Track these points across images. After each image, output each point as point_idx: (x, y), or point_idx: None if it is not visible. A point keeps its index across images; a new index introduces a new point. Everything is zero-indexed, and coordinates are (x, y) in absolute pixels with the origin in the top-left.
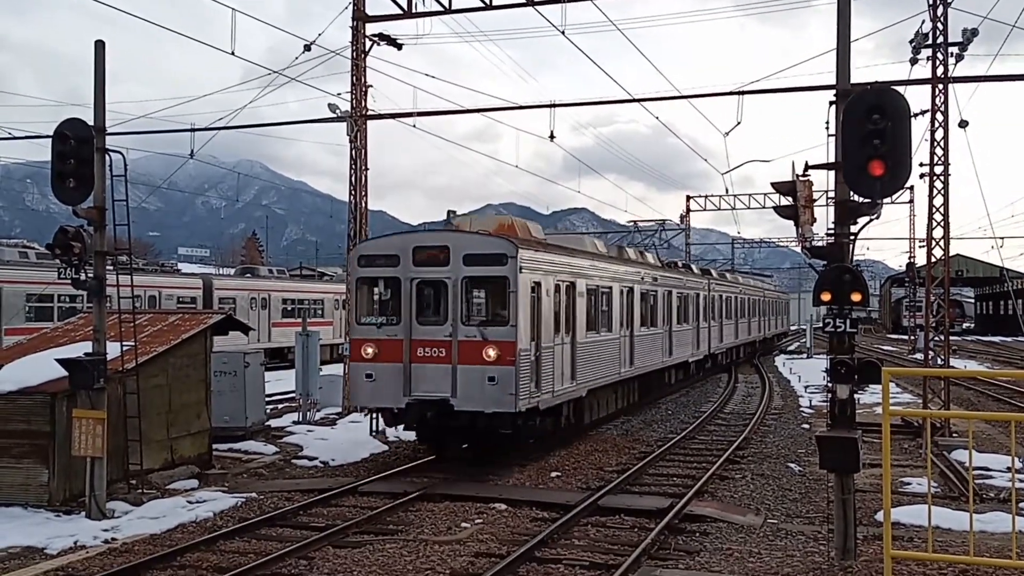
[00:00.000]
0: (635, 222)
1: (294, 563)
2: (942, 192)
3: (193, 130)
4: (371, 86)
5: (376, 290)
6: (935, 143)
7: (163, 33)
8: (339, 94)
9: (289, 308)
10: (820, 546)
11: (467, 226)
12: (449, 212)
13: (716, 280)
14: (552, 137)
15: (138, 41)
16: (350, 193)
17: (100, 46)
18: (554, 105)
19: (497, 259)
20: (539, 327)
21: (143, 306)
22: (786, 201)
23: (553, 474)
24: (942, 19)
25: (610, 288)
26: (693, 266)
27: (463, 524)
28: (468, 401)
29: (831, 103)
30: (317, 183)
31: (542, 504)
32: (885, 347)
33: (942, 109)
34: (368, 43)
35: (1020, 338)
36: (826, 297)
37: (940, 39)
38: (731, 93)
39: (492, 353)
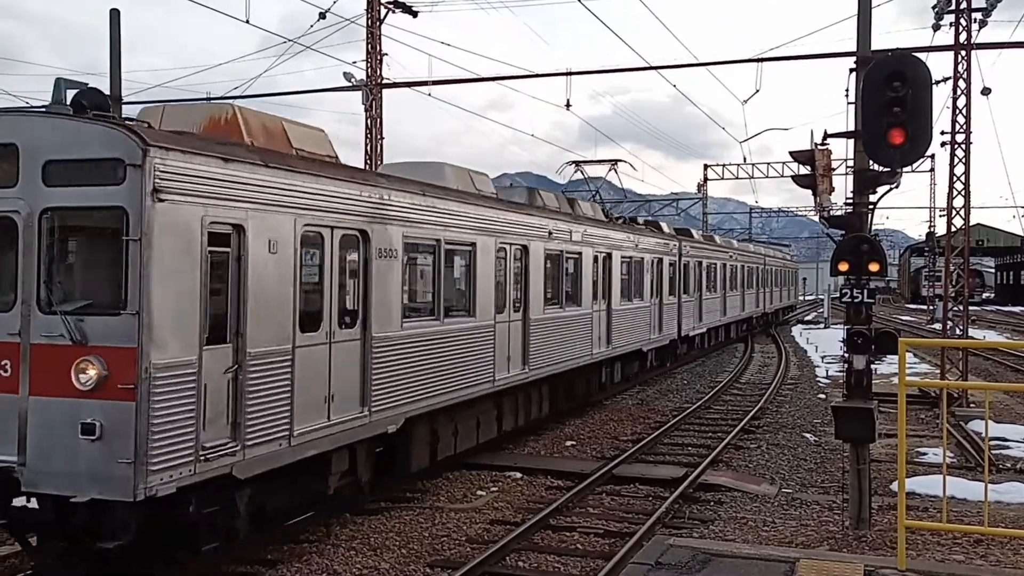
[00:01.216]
0: (577, 163)
1: (312, 530)
2: (963, 161)
3: (209, 99)
4: (386, 54)
5: None
6: (957, 111)
7: (179, 2)
8: (354, 63)
9: None
10: (835, 515)
11: (156, 121)
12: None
13: (694, 243)
14: (568, 106)
15: (154, 11)
16: (365, 163)
17: (115, 15)
18: (570, 73)
19: (102, 171)
20: (237, 313)
21: None
22: (804, 170)
23: (568, 443)
24: None
25: (472, 246)
26: (664, 224)
27: (479, 492)
28: (46, 475)
29: (851, 70)
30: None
31: (557, 473)
32: (904, 317)
33: (964, 76)
34: (383, 10)
35: None
36: (843, 267)
37: (963, 4)
38: (750, 60)
39: (91, 373)
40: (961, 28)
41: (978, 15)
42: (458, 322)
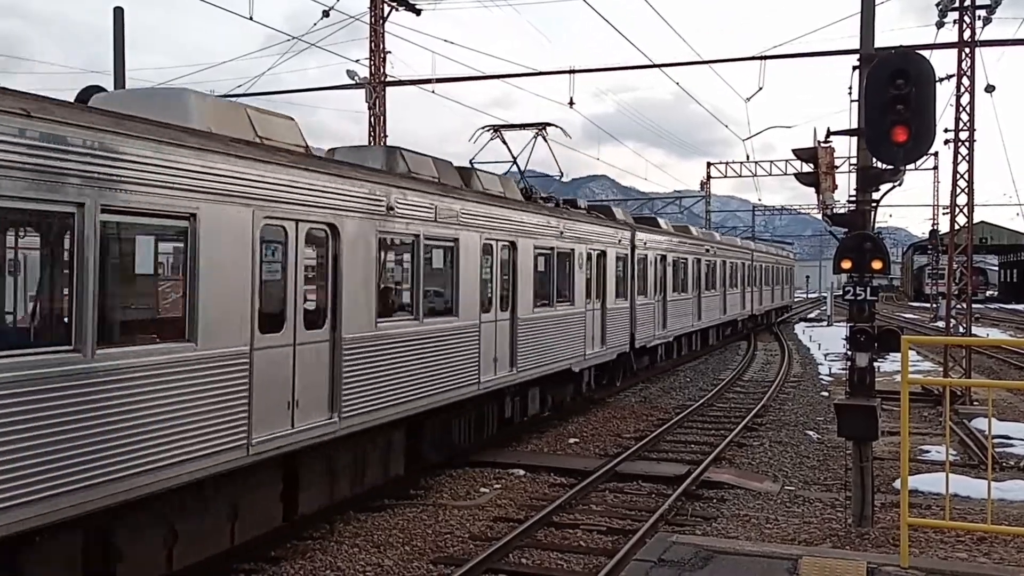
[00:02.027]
0: (494, 127)
1: (316, 527)
2: (967, 158)
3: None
4: (389, 52)
5: None
6: (960, 108)
7: (181, 1)
8: (358, 60)
9: None
10: (837, 513)
11: None
12: None
13: (655, 233)
14: (571, 104)
15: (155, 10)
16: None
17: (119, 13)
18: (573, 71)
19: None
20: None
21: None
22: (808, 168)
23: (571, 441)
24: None
25: (190, 219)
26: (618, 210)
27: (482, 489)
28: None
29: (854, 68)
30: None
31: (560, 470)
32: (907, 315)
33: (968, 73)
34: (387, 8)
35: None
36: (846, 265)
37: (967, 1)
38: (753, 58)
39: None
40: (965, 25)
41: (982, 12)
42: (146, 353)
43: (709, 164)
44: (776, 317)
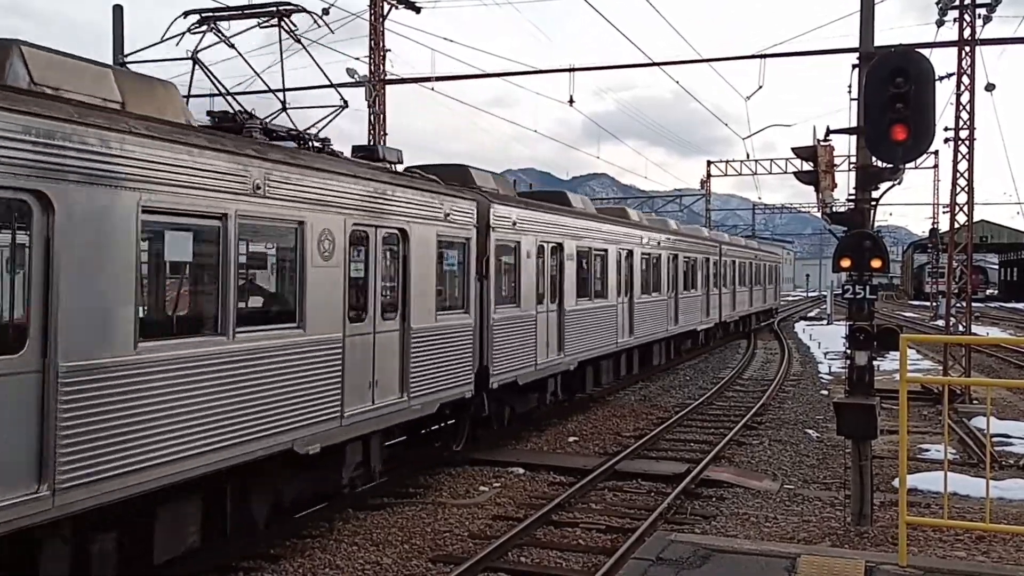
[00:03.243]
0: (201, 13)
1: (315, 525)
2: (967, 157)
3: (212, 95)
4: (389, 50)
5: None
6: (960, 107)
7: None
8: (358, 58)
9: None
10: (836, 511)
11: None
12: None
13: (537, 209)
14: (571, 102)
15: (157, 8)
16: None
17: (118, 11)
18: (573, 69)
19: None
20: None
21: None
22: (807, 166)
23: (571, 439)
24: None
25: None
26: (487, 175)
27: (481, 488)
28: None
29: (854, 66)
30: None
31: (559, 468)
32: (906, 314)
33: (968, 72)
34: (386, 6)
35: None
36: (846, 263)
37: (967, 0)
38: (753, 57)
39: None
40: (965, 23)
41: (982, 11)
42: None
43: (709, 163)
44: (757, 323)
